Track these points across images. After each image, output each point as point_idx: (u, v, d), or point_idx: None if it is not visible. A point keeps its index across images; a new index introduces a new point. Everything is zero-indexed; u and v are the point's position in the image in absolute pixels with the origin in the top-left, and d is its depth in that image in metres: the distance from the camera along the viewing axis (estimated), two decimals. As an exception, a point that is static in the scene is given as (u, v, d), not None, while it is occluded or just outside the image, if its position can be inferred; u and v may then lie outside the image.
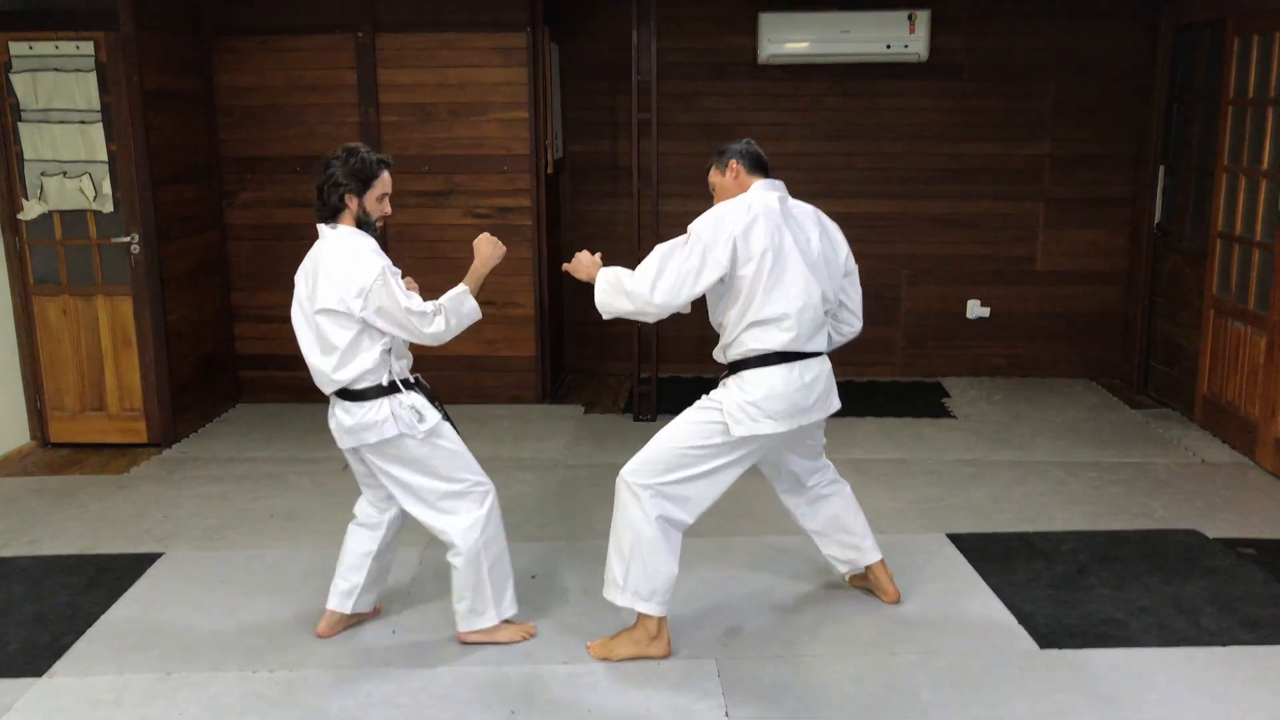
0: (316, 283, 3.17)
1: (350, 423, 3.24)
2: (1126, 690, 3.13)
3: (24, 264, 5.34)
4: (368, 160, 3.26)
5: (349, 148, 3.28)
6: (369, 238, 3.28)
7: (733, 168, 3.37)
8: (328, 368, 3.19)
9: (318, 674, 3.28)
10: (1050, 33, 6.35)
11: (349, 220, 3.27)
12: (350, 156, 3.25)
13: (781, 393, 3.21)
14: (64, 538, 4.35)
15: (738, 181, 3.36)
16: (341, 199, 3.23)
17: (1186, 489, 4.76)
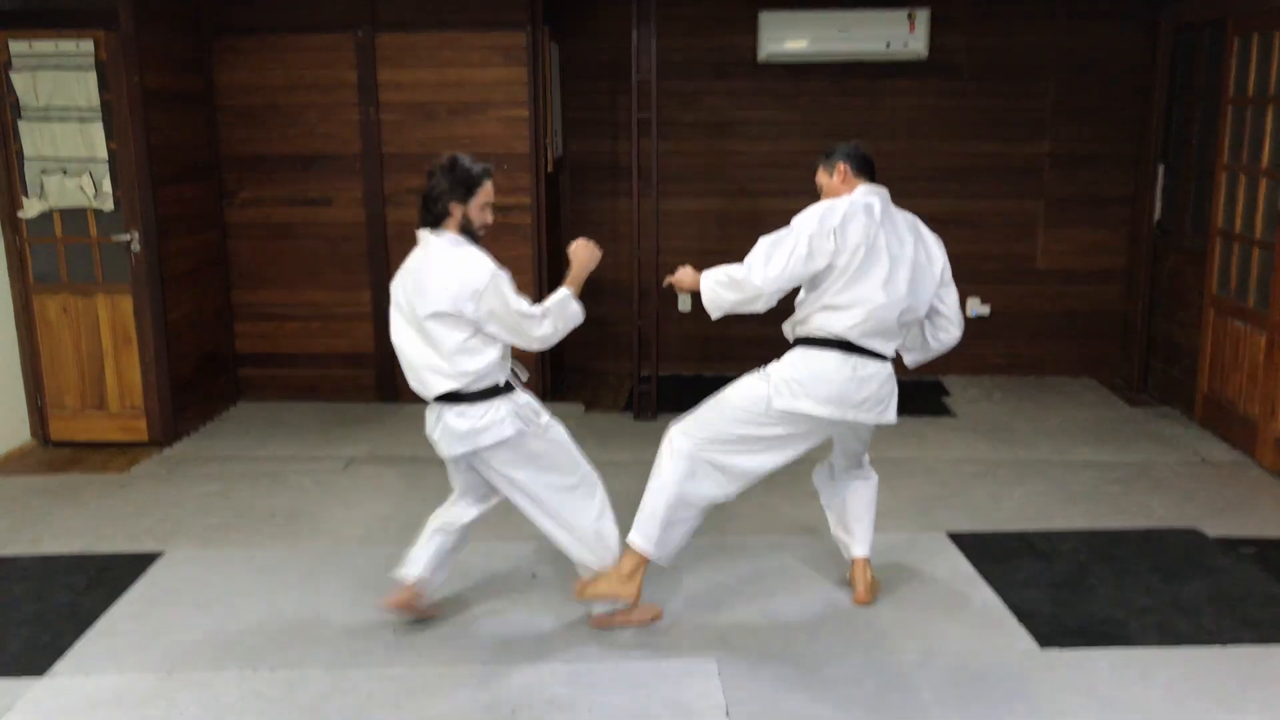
0: (424, 287, 3.19)
1: (465, 427, 3.22)
2: (1126, 690, 3.13)
3: (24, 262, 5.34)
4: (472, 170, 3.28)
5: (453, 158, 3.31)
6: (475, 246, 3.28)
7: (840, 170, 3.45)
8: (440, 372, 3.18)
9: (318, 674, 3.28)
10: (1050, 32, 6.34)
11: (453, 228, 3.28)
12: (454, 166, 3.27)
13: (831, 379, 3.29)
14: (64, 537, 4.35)
15: (846, 184, 3.43)
16: (446, 207, 3.25)
17: (1186, 488, 4.76)
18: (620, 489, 4.79)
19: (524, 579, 3.91)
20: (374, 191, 5.99)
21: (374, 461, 5.22)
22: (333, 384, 6.22)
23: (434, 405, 3.28)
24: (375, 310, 6.12)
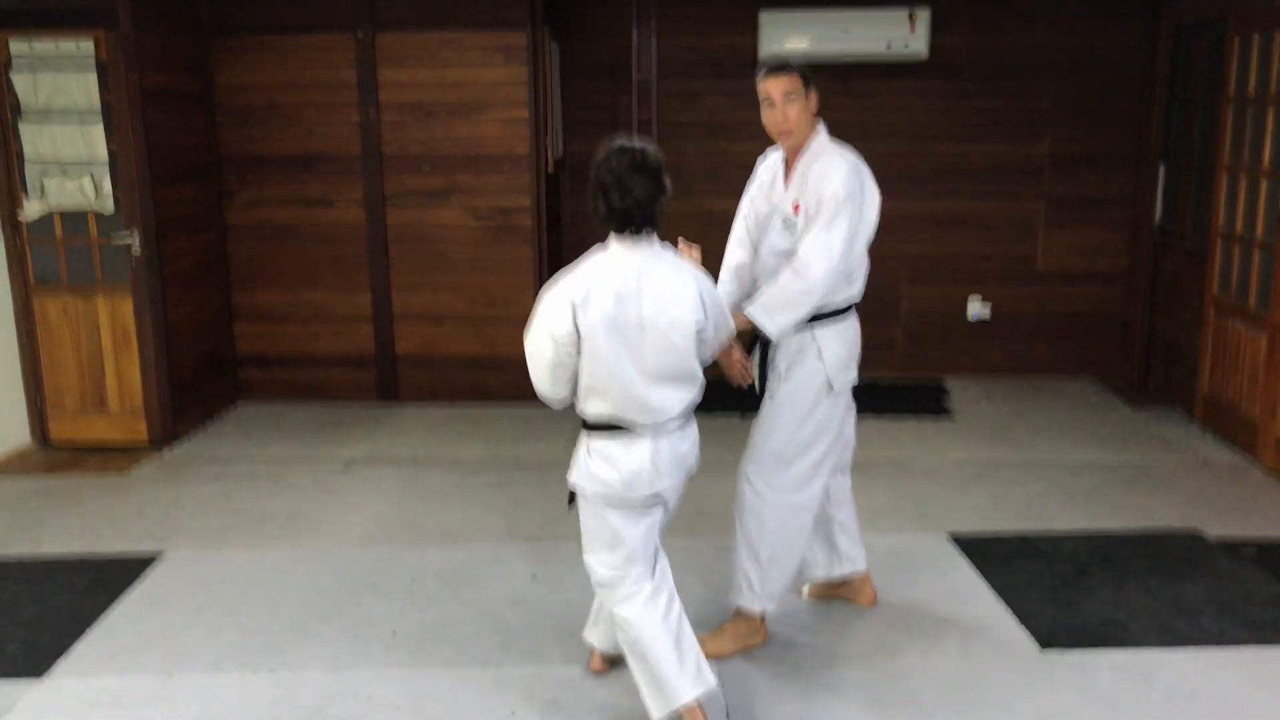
0: (678, 303, 2.77)
1: (686, 446, 2.90)
2: (1127, 690, 3.13)
3: (24, 263, 5.34)
4: (658, 152, 2.83)
5: (625, 150, 2.77)
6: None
7: (815, 98, 3.28)
8: (684, 387, 2.84)
9: (318, 674, 3.28)
10: (1050, 32, 6.34)
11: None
12: (646, 158, 2.76)
13: (856, 340, 3.32)
14: (64, 538, 4.35)
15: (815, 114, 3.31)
16: (660, 208, 2.80)
17: (1187, 489, 4.76)
18: (620, 490, 4.80)
19: (523, 580, 3.90)
20: (374, 192, 5.99)
21: (374, 462, 5.22)
22: (333, 385, 6.22)
23: (639, 440, 2.82)
24: (375, 311, 6.12)
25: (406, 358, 6.19)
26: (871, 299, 6.65)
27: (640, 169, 2.73)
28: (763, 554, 3.28)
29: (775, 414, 3.26)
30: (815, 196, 3.13)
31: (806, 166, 3.21)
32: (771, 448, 3.26)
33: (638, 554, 2.90)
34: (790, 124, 3.18)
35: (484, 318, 6.10)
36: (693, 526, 4.28)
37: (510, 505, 4.63)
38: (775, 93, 3.17)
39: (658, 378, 2.78)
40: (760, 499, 3.27)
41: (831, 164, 3.17)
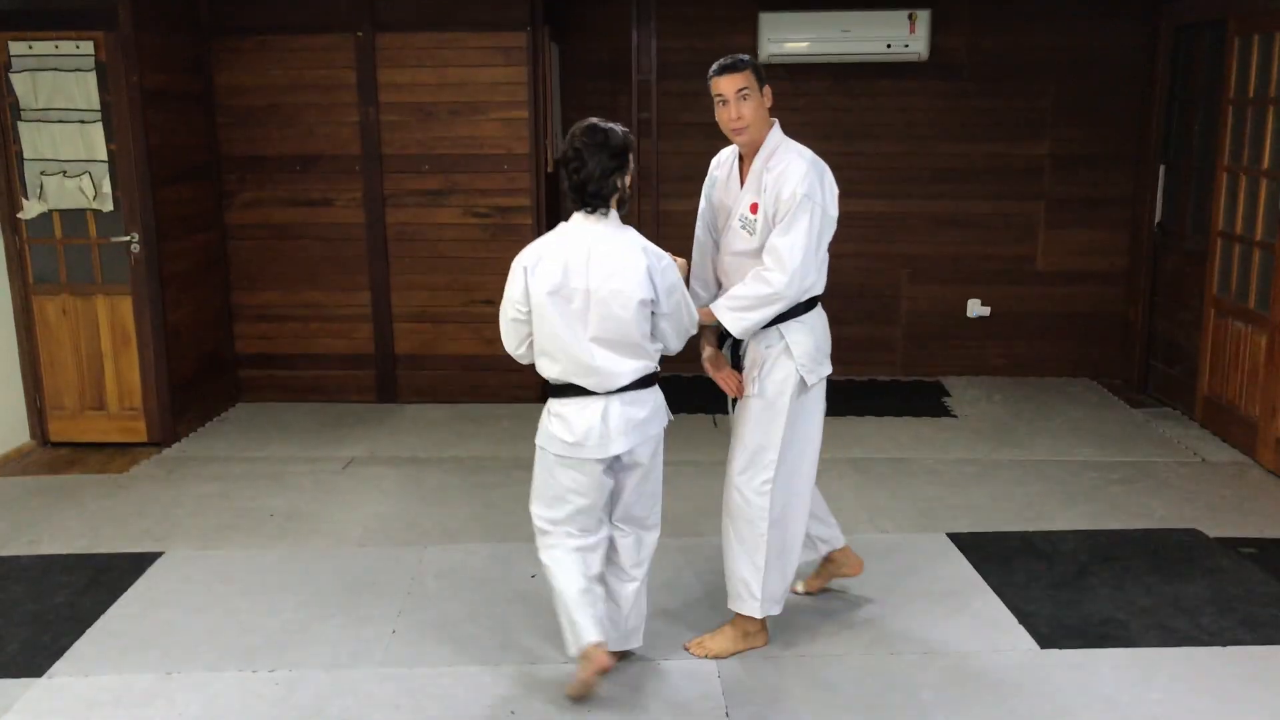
0: (623, 274, 2.91)
1: (642, 414, 3.01)
2: (1127, 690, 3.13)
3: (24, 263, 5.34)
4: (621, 134, 2.97)
5: (596, 127, 2.95)
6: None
7: (769, 95, 3.22)
8: (631, 356, 2.97)
9: (318, 674, 3.28)
10: (1050, 32, 6.34)
11: (613, 205, 3.00)
12: (609, 138, 2.92)
13: (825, 333, 3.32)
14: (64, 537, 4.35)
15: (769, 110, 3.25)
16: (614, 185, 2.95)
17: (1186, 489, 4.76)
18: (620, 489, 4.80)
19: (523, 580, 3.90)
20: (374, 192, 5.99)
21: (374, 462, 5.22)
22: (333, 385, 6.22)
23: (591, 402, 2.98)
24: (375, 311, 6.12)
25: (406, 357, 6.19)
26: (871, 299, 6.72)
27: (600, 146, 2.91)
28: (758, 559, 3.26)
29: (755, 416, 3.24)
30: (774, 196, 3.12)
31: (763, 166, 3.18)
32: (755, 450, 3.24)
33: (579, 516, 3.09)
34: (745, 120, 3.15)
35: (484, 317, 6.09)
36: (694, 526, 4.28)
37: (510, 505, 4.63)
38: (728, 90, 3.15)
39: (601, 344, 2.94)
40: (748, 504, 3.25)
41: (789, 163, 3.15)
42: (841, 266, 6.59)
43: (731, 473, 3.29)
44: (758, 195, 3.17)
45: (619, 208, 3.02)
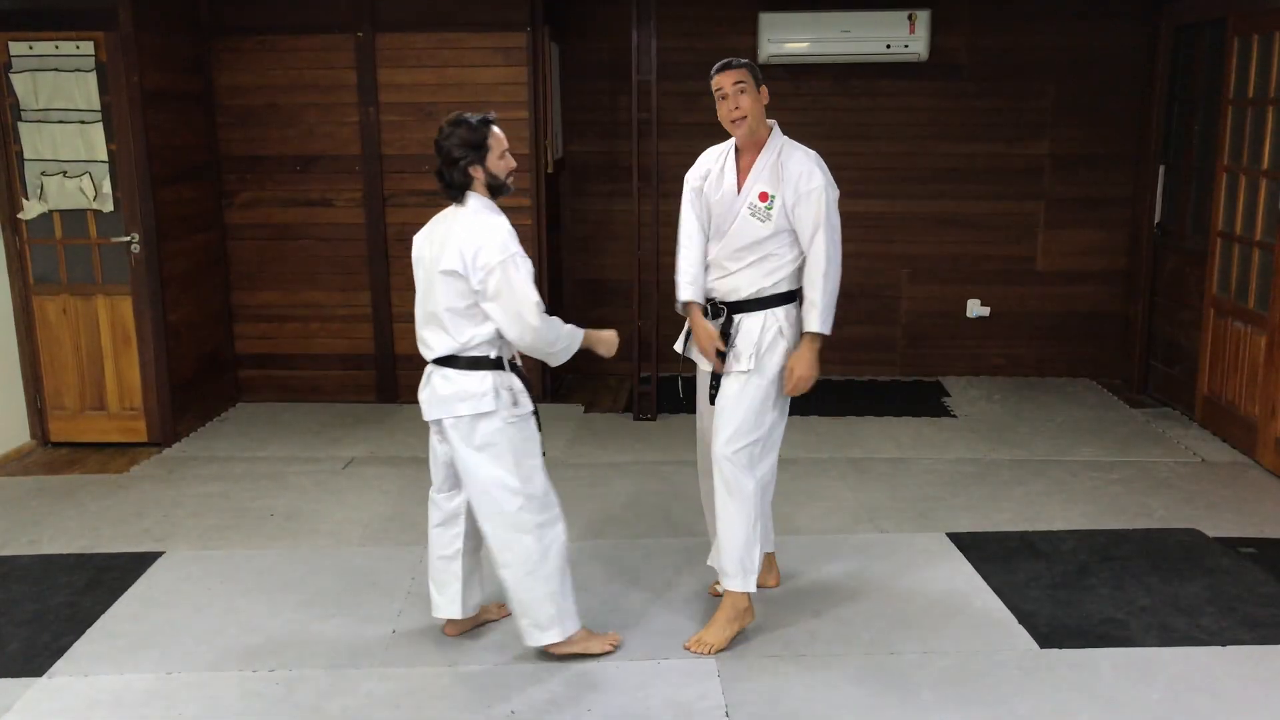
0: (446, 243, 3.11)
1: (447, 391, 3.15)
2: (1126, 690, 3.13)
3: (24, 263, 5.34)
4: (473, 124, 3.14)
5: (451, 120, 3.16)
6: (503, 216, 3.18)
7: (765, 93, 3.39)
8: (445, 331, 3.13)
9: (318, 674, 3.28)
10: (1050, 33, 6.34)
11: (480, 190, 3.19)
12: (455, 128, 3.14)
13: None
14: (64, 537, 4.35)
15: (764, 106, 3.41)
16: (465, 173, 3.15)
17: (1186, 488, 4.76)
18: (621, 489, 4.81)
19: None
20: (374, 192, 6.00)
21: (374, 462, 5.22)
22: (333, 385, 6.22)
23: (429, 368, 3.23)
24: (375, 311, 6.12)
25: (406, 357, 6.19)
26: (871, 299, 6.72)
27: (448, 138, 3.14)
28: (753, 530, 3.37)
29: (750, 395, 3.36)
30: (793, 187, 3.31)
31: (773, 160, 3.37)
32: (749, 429, 3.36)
33: (434, 474, 3.39)
34: (743, 110, 3.31)
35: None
36: (692, 526, 4.28)
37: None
38: (726, 84, 3.33)
39: (424, 315, 3.20)
40: (739, 480, 3.35)
41: (807, 161, 3.37)
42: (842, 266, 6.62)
43: (722, 447, 3.36)
44: (771, 185, 3.34)
45: (496, 193, 3.21)
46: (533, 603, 3.26)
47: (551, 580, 3.25)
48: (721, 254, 3.42)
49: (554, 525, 3.28)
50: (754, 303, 3.39)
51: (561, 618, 3.28)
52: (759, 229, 3.34)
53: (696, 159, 3.59)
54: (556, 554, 3.27)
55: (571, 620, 3.31)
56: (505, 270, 3.07)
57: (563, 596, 3.29)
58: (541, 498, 3.25)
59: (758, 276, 3.38)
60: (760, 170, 3.37)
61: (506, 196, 3.25)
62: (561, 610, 3.28)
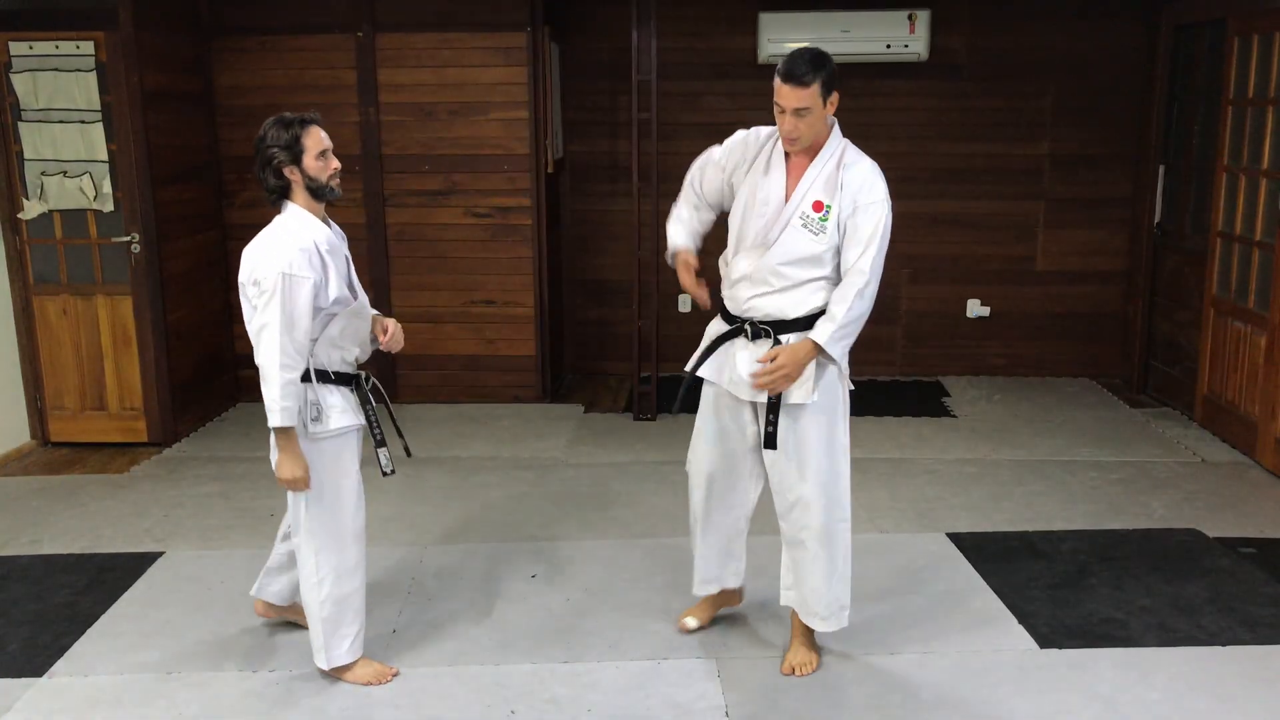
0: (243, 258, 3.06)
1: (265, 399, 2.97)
2: (1126, 690, 3.13)
3: (24, 263, 5.34)
4: (289, 123, 3.04)
5: (269, 120, 3.07)
6: (307, 233, 3.05)
7: (835, 101, 2.99)
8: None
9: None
10: (1050, 32, 6.34)
11: (300, 194, 3.10)
12: (270, 128, 3.05)
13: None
14: (64, 537, 4.35)
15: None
16: (280, 174, 3.06)
17: (1186, 488, 4.76)
18: (621, 489, 4.81)
19: (523, 580, 3.91)
20: (374, 192, 5.99)
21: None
22: (333, 385, 6.21)
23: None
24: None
25: (406, 357, 6.18)
26: (871, 299, 6.70)
27: (256, 140, 3.08)
28: (847, 567, 3.23)
29: (824, 434, 3.10)
30: (853, 202, 3.01)
31: (831, 166, 3.03)
32: (833, 474, 3.14)
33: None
34: (798, 134, 2.97)
35: (484, 317, 6.10)
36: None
37: (510, 505, 4.63)
38: (788, 104, 2.96)
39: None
40: (834, 530, 3.16)
41: (871, 172, 3.05)
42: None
43: (810, 495, 3.12)
44: (827, 194, 3.01)
45: (317, 196, 3.16)
46: (310, 620, 3.17)
47: (325, 607, 3.11)
48: (764, 268, 3.05)
49: (337, 553, 3.11)
50: (803, 323, 3.06)
51: (328, 647, 3.15)
52: (811, 244, 3.01)
53: (680, 156, 3.24)
54: (333, 583, 3.11)
55: (337, 653, 3.16)
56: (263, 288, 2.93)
57: (333, 626, 3.14)
58: (330, 523, 3.10)
59: (806, 295, 3.06)
60: (815, 176, 3.02)
61: (333, 200, 3.14)
62: (329, 641, 3.14)
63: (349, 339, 3.14)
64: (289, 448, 2.97)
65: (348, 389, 3.15)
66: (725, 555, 3.42)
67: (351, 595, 3.17)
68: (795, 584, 3.27)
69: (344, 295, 3.08)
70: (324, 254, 3.06)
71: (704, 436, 3.31)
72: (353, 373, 3.18)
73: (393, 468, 3.28)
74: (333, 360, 3.10)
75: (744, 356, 3.13)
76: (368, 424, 3.20)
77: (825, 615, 3.22)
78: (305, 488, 3.02)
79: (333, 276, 3.05)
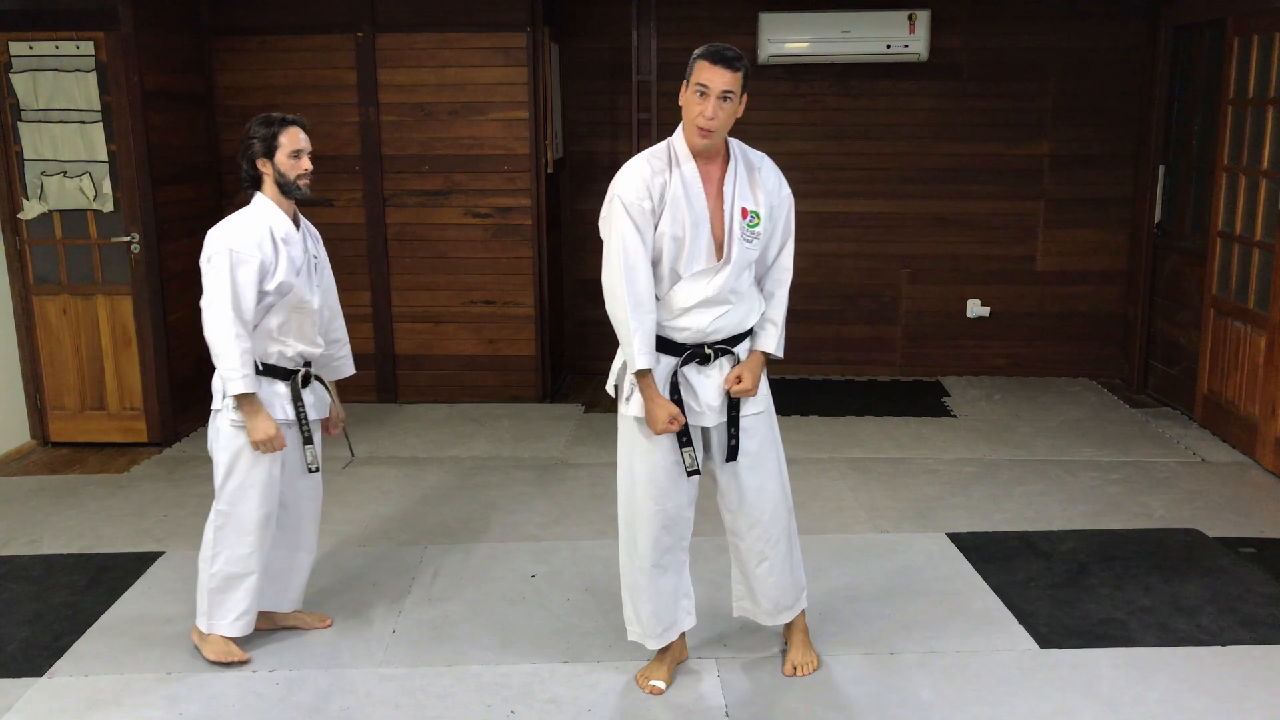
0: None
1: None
2: (1126, 690, 3.13)
3: (24, 263, 5.34)
4: (272, 121, 3.20)
5: (259, 117, 3.24)
6: (264, 220, 3.17)
7: (744, 104, 2.92)
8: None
9: (318, 674, 3.28)
10: (1050, 32, 6.35)
11: (270, 186, 3.22)
12: (255, 123, 3.22)
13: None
14: (64, 537, 4.35)
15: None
16: (254, 164, 3.21)
17: (1186, 488, 4.76)
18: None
19: (523, 580, 3.90)
20: (374, 192, 6.00)
21: (374, 462, 5.22)
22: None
23: None
24: (375, 311, 6.13)
25: (406, 357, 6.19)
26: (871, 299, 6.72)
27: (244, 134, 3.20)
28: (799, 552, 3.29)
29: (776, 436, 3.15)
30: (770, 202, 2.98)
31: (744, 172, 2.97)
32: (784, 469, 3.19)
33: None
34: (716, 123, 2.84)
35: (483, 317, 6.10)
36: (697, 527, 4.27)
37: (510, 505, 4.63)
38: (714, 86, 2.80)
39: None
40: (792, 524, 3.22)
41: (773, 166, 3.05)
42: (841, 266, 6.63)
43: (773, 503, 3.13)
44: (751, 199, 2.96)
45: (286, 192, 3.21)
46: (199, 584, 3.32)
47: (214, 579, 3.27)
48: (722, 287, 2.92)
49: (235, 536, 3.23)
50: (746, 334, 3.05)
51: (210, 612, 3.30)
52: (749, 251, 2.95)
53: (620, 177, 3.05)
54: (225, 562, 3.25)
55: (221, 624, 3.29)
56: (213, 263, 3.09)
57: (220, 597, 3.28)
58: (235, 508, 3.22)
59: (754, 301, 3.04)
60: (734, 184, 2.95)
61: (301, 199, 3.25)
62: (212, 609, 3.29)
63: (289, 334, 3.26)
64: (254, 410, 3.15)
65: (283, 384, 3.28)
66: (677, 593, 3.19)
67: (244, 577, 3.29)
68: (753, 593, 3.27)
69: (286, 282, 3.18)
70: (278, 240, 3.18)
71: (652, 474, 3.04)
72: (291, 369, 3.30)
73: (318, 465, 3.38)
74: (269, 354, 3.24)
75: (704, 382, 3.01)
76: (296, 421, 3.29)
77: (793, 605, 3.27)
78: (283, 444, 3.19)
79: (283, 263, 3.17)
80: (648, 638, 3.18)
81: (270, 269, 3.13)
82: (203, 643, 3.34)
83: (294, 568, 3.48)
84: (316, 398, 3.41)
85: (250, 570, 3.29)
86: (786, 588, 3.24)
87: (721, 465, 3.11)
